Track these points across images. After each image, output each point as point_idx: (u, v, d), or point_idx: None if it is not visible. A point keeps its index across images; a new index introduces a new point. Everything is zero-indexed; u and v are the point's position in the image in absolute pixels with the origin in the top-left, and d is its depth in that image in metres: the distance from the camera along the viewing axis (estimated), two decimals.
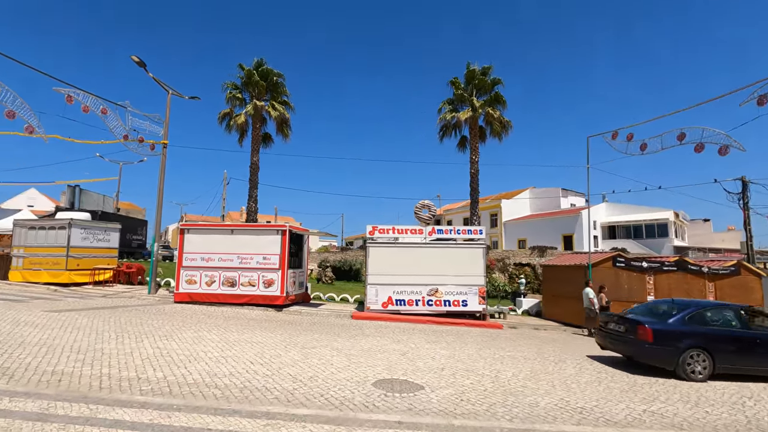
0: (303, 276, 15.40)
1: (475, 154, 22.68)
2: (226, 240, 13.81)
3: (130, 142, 14.32)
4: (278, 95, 23.10)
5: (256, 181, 22.31)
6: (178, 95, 16.50)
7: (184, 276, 13.75)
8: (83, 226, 16.64)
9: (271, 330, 9.36)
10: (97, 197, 29.34)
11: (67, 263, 15.86)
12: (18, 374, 5.19)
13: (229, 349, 7.19)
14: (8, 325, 8.12)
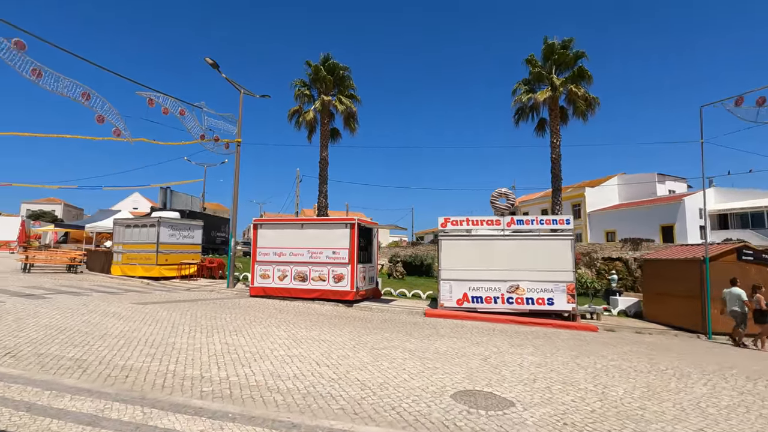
0: (373, 271, 14.94)
1: (556, 137, 20.63)
2: (296, 234, 13.77)
3: (206, 141, 14.88)
4: (345, 89, 22.97)
5: (325, 177, 22.41)
6: (249, 94, 16.88)
7: (258, 270, 13.97)
8: (170, 224, 17.76)
9: (340, 327, 8.91)
10: (185, 198, 31.68)
11: (157, 258, 17.01)
12: (91, 368, 5.16)
13: (296, 347, 6.79)
14: (98, 317, 8.54)
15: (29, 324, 7.55)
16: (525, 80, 21.40)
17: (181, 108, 13.80)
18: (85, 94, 10.85)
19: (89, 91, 10.93)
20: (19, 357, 5.49)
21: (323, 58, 22.30)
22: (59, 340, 6.48)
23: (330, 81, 22.01)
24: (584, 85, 20.39)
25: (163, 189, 28.73)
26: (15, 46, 9.41)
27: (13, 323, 7.58)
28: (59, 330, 7.18)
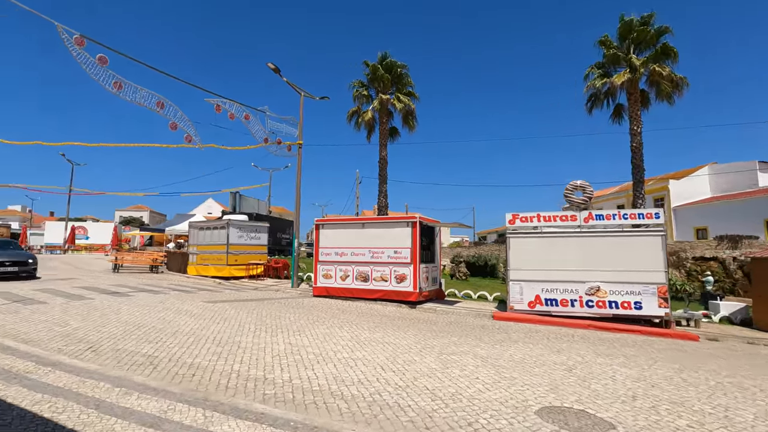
0: (436, 271, 14.40)
1: (637, 123, 18.65)
2: (357, 234, 13.62)
3: (269, 144, 15.26)
4: (403, 87, 22.65)
5: (385, 176, 22.22)
6: (309, 96, 17.10)
7: (321, 270, 14.01)
8: (238, 226, 18.51)
9: (404, 329, 8.51)
10: (253, 201, 33.19)
11: (227, 259, 17.78)
12: (161, 365, 5.21)
13: (359, 349, 6.49)
14: (172, 314, 8.89)
15: (112, 320, 8.00)
16: (598, 64, 19.62)
17: (246, 112, 14.27)
18: (159, 103, 11.51)
19: (163, 100, 11.59)
20: (99, 352, 5.71)
21: (380, 57, 22.18)
22: (136, 336, 6.73)
23: (388, 79, 21.81)
24: (669, 63, 18.24)
25: (232, 193, 30.28)
26: (99, 62, 10.17)
27: (99, 319, 8.07)
28: (137, 326, 7.50)
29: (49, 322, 7.60)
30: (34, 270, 15.09)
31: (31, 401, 3.68)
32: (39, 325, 7.25)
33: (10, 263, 14.30)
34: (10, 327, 7.01)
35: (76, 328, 7.14)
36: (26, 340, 6.14)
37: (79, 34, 9.85)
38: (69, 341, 6.23)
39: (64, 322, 7.59)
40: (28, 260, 14.90)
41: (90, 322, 7.72)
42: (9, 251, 15.57)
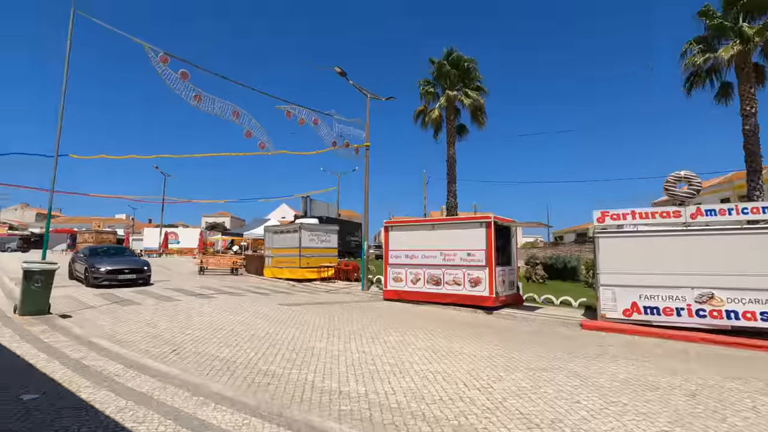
0: (513, 274, 13.44)
1: (750, 103, 16.00)
2: (427, 236, 13.14)
3: (337, 147, 15.35)
4: (471, 82, 21.77)
5: (453, 176, 21.50)
6: (375, 98, 16.98)
7: (391, 274, 13.73)
8: (310, 229, 18.92)
9: (483, 338, 7.86)
10: (323, 205, 34.12)
11: (300, 262, 18.23)
12: (238, 371, 5.16)
13: (437, 360, 6.01)
14: (249, 317, 9.08)
15: (195, 322, 8.32)
16: (698, 38, 17.19)
17: (315, 117, 14.49)
18: (235, 113, 12.02)
19: (238, 110, 12.08)
20: (182, 355, 5.84)
21: (446, 53, 21.53)
22: (216, 339, 6.87)
23: (455, 75, 21.08)
24: None
25: (303, 198, 31.34)
26: (181, 77, 10.80)
27: (184, 321, 8.45)
28: (217, 328, 7.70)
29: (141, 323, 8.07)
30: (149, 277, 15.00)
31: (116, 408, 3.70)
32: (132, 326, 7.72)
33: (129, 270, 14.26)
34: (108, 328, 7.52)
35: (163, 330, 7.49)
36: (119, 341, 6.50)
37: (164, 52, 10.53)
38: (156, 343, 6.49)
39: (153, 324, 8.02)
40: (144, 267, 14.88)
41: (176, 324, 8.08)
42: (125, 258, 15.76)
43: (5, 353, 5.29)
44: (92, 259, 14.36)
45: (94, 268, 13.56)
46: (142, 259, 16.81)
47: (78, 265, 15.25)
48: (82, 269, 14.39)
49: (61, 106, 9.40)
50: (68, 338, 6.32)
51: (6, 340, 5.98)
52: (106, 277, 13.50)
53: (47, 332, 6.65)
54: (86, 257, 14.82)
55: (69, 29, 9.19)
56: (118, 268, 13.95)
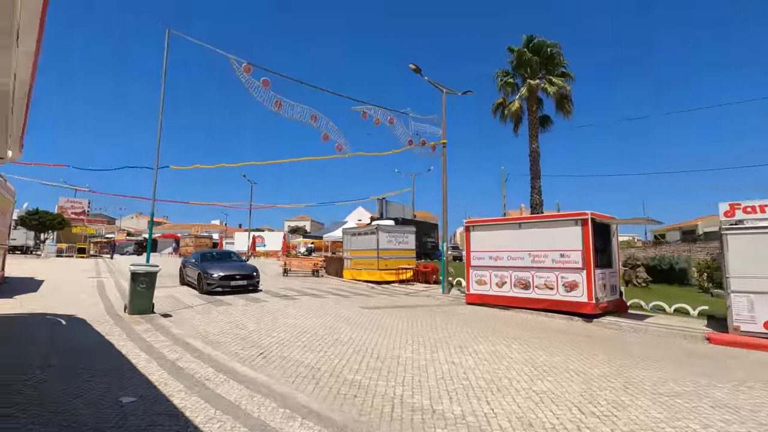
0: (615, 278, 11.94)
1: None
2: (514, 236, 12.17)
3: (414, 146, 14.95)
4: (554, 68, 20.10)
5: (537, 171, 19.98)
6: (451, 93, 16.32)
7: (474, 276, 12.96)
8: (387, 231, 18.74)
9: (589, 352, 6.88)
10: (398, 207, 34.00)
11: (378, 263, 18.11)
12: (323, 380, 4.92)
13: (540, 378, 5.27)
14: (331, 320, 8.99)
15: (280, 324, 8.39)
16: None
17: (390, 116, 14.23)
18: (313, 117, 12.19)
19: (316, 114, 12.24)
20: (268, 359, 5.79)
21: (526, 40, 20.09)
22: (300, 343, 6.78)
23: (536, 63, 19.59)
24: None
25: (379, 200, 31.45)
26: (263, 85, 11.16)
27: (270, 323, 8.57)
28: (301, 331, 7.66)
29: (232, 324, 8.33)
30: (257, 283, 14.13)
31: (204, 418, 3.60)
32: (224, 327, 7.98)
33: (240, 276, 13.45)
34: (202, 328, 7.84)
35: (251, 331, 7.62)
36: (211, 342, 6.67)
37: (246, 62, 10.96)
38: (244, 345, 6.55)
39: (243, 325, 8.23)
40: (253, 273, 13.97)
41: (263, 325, 8.22)
42: (233, 263, 14.82)
43: (113, 353, 5.61)
44: (204, 264, 13.85)
45: (207, 273, 13.02)
46: (251, 265, 15.72)
47: (189, 270, 14.83)
48: (195, 275, 14.00)
49: (160, 121, 10.13)
50: (167, 338, 6.62)
51: (115, 338, 6.41)
52: (219, 283, 12.88)
53: (149, 331, 7.05)
54: (197, 262, 14.28)
55: (165, 48, 9.88)
56: (230, 274, 13.25)
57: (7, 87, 4.17)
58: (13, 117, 4.93)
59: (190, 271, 14.82)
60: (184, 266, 15.69)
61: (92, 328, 7.09)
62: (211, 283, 12.88)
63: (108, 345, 5.98)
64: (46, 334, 6.45)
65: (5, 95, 4.40)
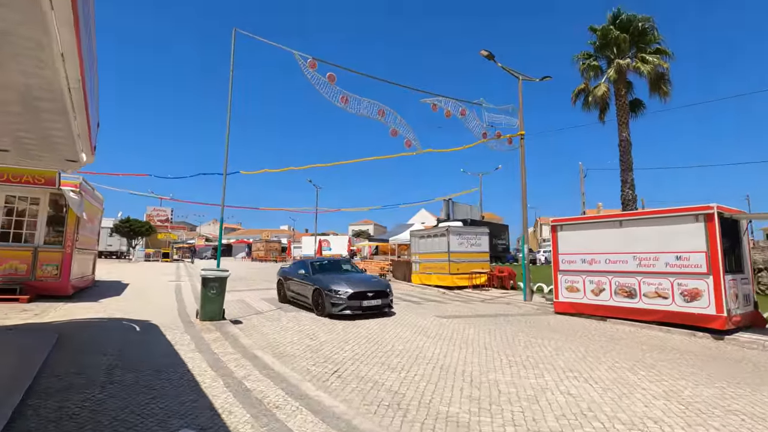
0: (747, 285, 9.79)
1: None
2: (613, 235, 10.48)
3: (489, 140, 13.69)
4: (646, 45, 17.66)
5: (629, 162, 17.61)
6: (528, 79, 14.81)
7: (563, 282, 11.40)
8: (458, 233, 17.55)
9: (747, 383, 5.29)
10: (465, 207, 32.54)
11: (449, 267, 16.96)
12: (411, 412, 4.01)
13: (701, 425, 3.92)
14: (408, 332, 8.08)
15: (352, 334, 7.65)
16: None
17: (462, 108, 13.13)
18: (381, 112, 11.47)
19: (384, 108, 11.50)
20: (343, 378, 5.01)
21: (612, 16, 17.86)
22: (377, 358, 5.95)
23: (625, 40, 17.31)
24: None
25: (445, 201, 30.27)
26: (329, 80, 10.64)
27: (342, 332, 7.87)
28: (376, 344, 6.84)
29: (302, 333, 7.74)
30: (391, 302, 10.42)
31: None
32: (294, 336, 7.40)
33: (372, 293, 9.86)
34: (271, 337, 7.32)
35: (323, 342, 6.95)
36: (281, 355, 6.06)
37: (312, 57, 10.49)
38: (316, 359, 5.86)
39: (313, 334, 7.60)
40: (386, 289, 10.26)
41: (335, 335, 7.54)
42: (356, 275, 11.03)
43: (179, 368, 5.16)
44: (321, 278, 10.41)
45: (331, 290, 9.63)
46: (378, 278, 11.57)
47: (296, 284, 11.30)
48: (307, 291, 10.54)
49: (228, 123, 9.95)
50: (235, 350, 6.12)
51: (183, 349, 6.02)
52: (348, 304, 9.43)
53: (218, 341, 6.63)
54: (309, 274, 10.94)
55: (231, 47, 9.67)
56: (361, 291, 9.73)
57: (52, 81, 3.82)
58: (75, 115, 4.63)
59: (297, 286, 11.28)
60: (286, 279, 12.05)
61: (163, 336, 6.83)
62: (338, 303, 9.47)
63: (175, 357, 5.57)
64: (118, 343, 6.23)
65: (59, 92, 4.06)
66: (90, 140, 5.83)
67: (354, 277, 10.79)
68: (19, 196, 10.31)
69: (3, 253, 9.83)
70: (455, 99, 12.92)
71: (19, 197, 10.33)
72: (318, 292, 10.02)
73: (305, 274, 11.08)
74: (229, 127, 9.83)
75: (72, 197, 10.15)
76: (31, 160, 6.14)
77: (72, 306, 9.49)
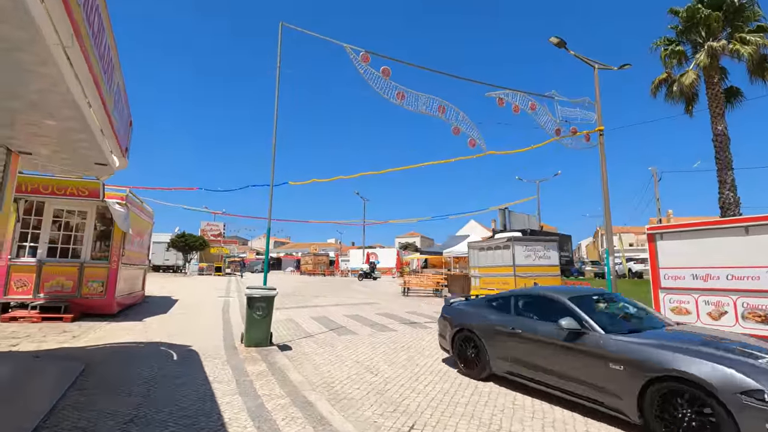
0: None
1: None
2: (737, 244, 8.44)
3: (563, 137, 11.98)
4: (744, 23, 15.21)
5: (727, 160, 15.07)
6: (605, 68, 12.97)
7: (667, 302, 9.39)
8: (524, 244, 15.75)
9: None
10: (522, 217, 30.25)
11: (516, 283, 15.17)
12: None
13: None
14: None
15: (422, 367, 6.26)
16: None
17: (532, 101, 11.55)
18: (441, 108, 10.21)
19: (444, 104, 10.23)
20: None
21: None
22: (461, 409, 4.55)
23: (717, 19, 14.99)
24: None
25: (501, 210, 28.26)
26: (383, 74, 9.56)
27: (407, 363, 6.52)
28: (458, 385, 5.43)
29: (360, 364, 6.48)
30: None
31: None
32: (350, 369, 6.16)
33: None
34: (325, 370, 6.12)
35: (387, 379, 5.64)
36: (338, 396, 4.83)
37: (365, 50, 9.46)
38: (383, 405, 4.57)
39: (374, 367, 6.33)
40: None
41: (400, 368, 6.22)
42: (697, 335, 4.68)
43: (213, 418, 4.04)
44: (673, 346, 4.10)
45: None
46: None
47: (518, 344, 5.32)
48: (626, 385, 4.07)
49: (275, 121, 9.09)
50: (283, 390, 4.95)
51: (222, 389, 4.93)
52: None
53: (263, 377, 5.51)
54: (534, 318, 5.43)
55: (278, 42, 8.85)
56: None
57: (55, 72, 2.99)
58: (89, 102, 3.77)
59: (511, 346, 5.43)
60: (468, 327, 6.07)
61: (201, 368, 5.81)
62: None
63: (210, 402, 4.48)
64: (149, 378, 5.27)
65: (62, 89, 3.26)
66: (117, 140, 4.98)
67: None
68: (67, 209, 9.99)
69: (50, 270, 9.45)
70: (524, 92, 11.39)
71: (67, 211, 10.00)
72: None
73: (532, 322, 5.35)
74: (276, 122, 8.94)
75: (117, 210, 9.66)
76: (57, 165, 5.42)
77: (114, 326, 8.86)
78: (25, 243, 9.50)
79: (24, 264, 9.29)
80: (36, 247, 9.56)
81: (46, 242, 9.66)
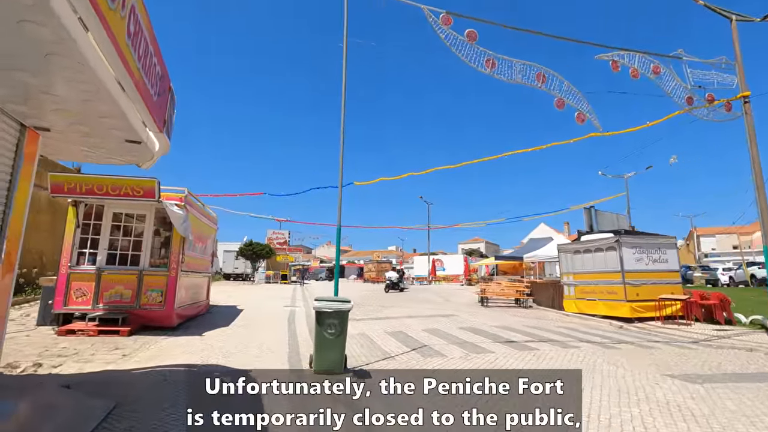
0: None
1: None
2: None
3: (698, 107, 9.46)
4: None
5: None
6: (745, 19, 10.24)
7: None
8: (634, 245, 13.11)
9: None
10: (611, 216, 26.69)
11: (626, 292, 12.57)
12: None
13: None
14: (639, 407, 4.54)
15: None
16: None
17: (654, 64, 9.20)
18: (540, 76, 8.30)
19: (544, 71, 8.30)
20: None
21: None
22: None
23: None
24: None
25: (586, 209, 25.01)
26: (468, 38, 7.88)
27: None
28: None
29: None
30: None
31: None
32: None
33: None
34: (420, 406, 4.45)
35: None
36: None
37: (445, 11, 7.83)
38: None
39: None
40: None
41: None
42: None
43: None
44: None
45: None
46: None
47: None
48: None
49: (342, 107, 7.71)
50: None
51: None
52: None
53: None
54: None
55: (344, 10, 7.47)
56: None
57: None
58: (99, 47, 2.52)
59: None
60: None
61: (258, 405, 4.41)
62: None
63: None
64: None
65: None
66: (148, 107, 3.73)
67: None
68: (126, 213, 9.36)
69: (109, 278, 8.81)
70: (643, 52, 9.07)
71: (126, 214, 9.38)
72: None
73: None
74: (344, 109, 7.55)
75: (175, 212, 8.82)
76: (79, 146, 4.34)
77: (170, 342, 7.90)
78: (85, 249, 8.95)
79: (83, 272, 8.72)
80: (95, 254, 8.98)
81: (106, 248, 9.06)
